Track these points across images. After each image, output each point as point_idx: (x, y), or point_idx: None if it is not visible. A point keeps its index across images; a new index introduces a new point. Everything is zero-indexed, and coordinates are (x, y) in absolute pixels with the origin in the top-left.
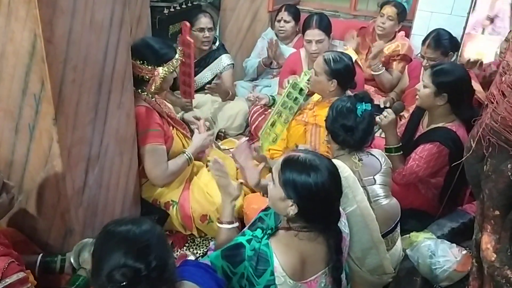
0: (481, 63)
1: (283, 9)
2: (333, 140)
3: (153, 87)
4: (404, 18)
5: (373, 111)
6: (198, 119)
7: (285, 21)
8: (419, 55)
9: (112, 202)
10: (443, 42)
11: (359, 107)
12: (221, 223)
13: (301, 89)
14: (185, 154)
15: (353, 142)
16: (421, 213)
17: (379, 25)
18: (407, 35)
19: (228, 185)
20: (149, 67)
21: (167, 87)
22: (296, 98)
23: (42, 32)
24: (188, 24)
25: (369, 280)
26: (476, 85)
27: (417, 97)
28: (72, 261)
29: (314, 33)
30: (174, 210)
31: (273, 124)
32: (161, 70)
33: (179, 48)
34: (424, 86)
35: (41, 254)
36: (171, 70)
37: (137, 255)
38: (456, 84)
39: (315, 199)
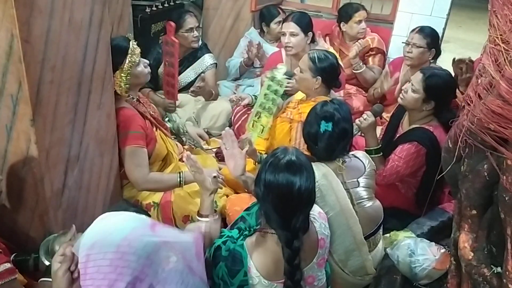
0: (471, 60)
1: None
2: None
3: (119, 91)
4: None
5: (341, 129)
6: (201, 137)
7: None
8: (406, 41)
9: (93, 204)
10: (434, 34)
11: (322, 125)
12: (200, 216)
13: (279, 81)
14: (178, 174)
15: (320, 154)
16: (401, 212)
17: (359, 31)
18: (388, 36)
19: (204, 180)
20: None
21: (144, 80)
22: (276, 90)
23: (19, 32)
24: (173, 24)
25: (351, 282)
26: None
27: (401, 96)
28: (42, 258)
29: (289, 26)
30: (155, 212)
31: (258, 116)
32: (117, 74)
33: (129, 34)
34: (413, 91)
35: (14, 254)
36: (131, 64)
37: None
38: (446, 92)
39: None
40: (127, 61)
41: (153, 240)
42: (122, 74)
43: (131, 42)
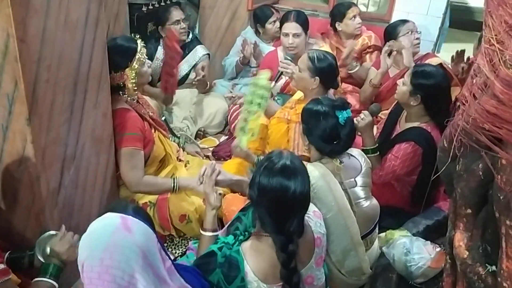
0: (468, 57)
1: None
2: (319, 152)
3: (130, 89)
4: None
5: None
6: (199, 153)
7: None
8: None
9: (89, 203)
10: None
11: (340, 115)
12: (204, 230)
13: (264, 86)
14: (172, 180)
15: (341, 149)
16: (397, 210)
17: (356, 27)
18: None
19: (209, 194)
20: (117, 74)
21: (147, 80)
22: (262, 95)
23: (15, 31)
24: (175, 31)
25: (348, 282)
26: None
27: (396, 91)
28: (38, 256)
29: (291, 26)
30: (151, 212)
31: (245, 120)
32: (128, 72)
33: (137, 36)
34: (403, 83)
35: (8, 251)
36: (140, 63)
37: None
38: (432, 89)
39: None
40: (136, 59)
41: (134, 249)
42: (132, 71)
43: (138, 41)
